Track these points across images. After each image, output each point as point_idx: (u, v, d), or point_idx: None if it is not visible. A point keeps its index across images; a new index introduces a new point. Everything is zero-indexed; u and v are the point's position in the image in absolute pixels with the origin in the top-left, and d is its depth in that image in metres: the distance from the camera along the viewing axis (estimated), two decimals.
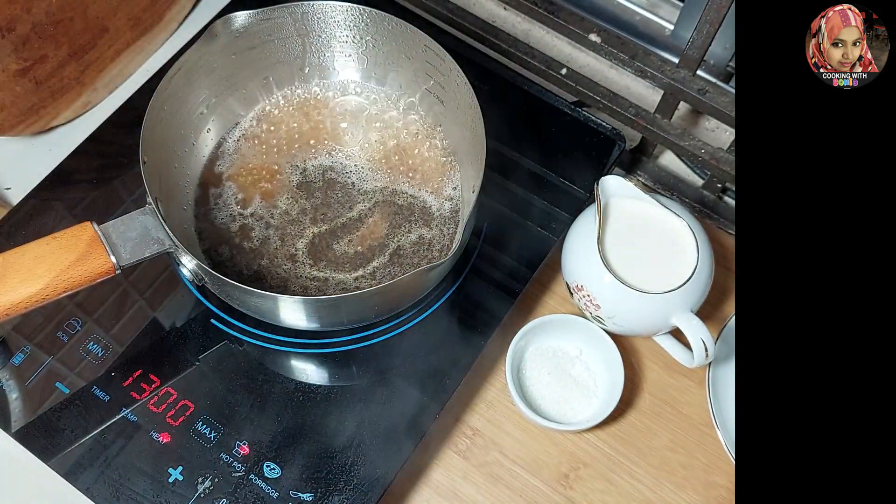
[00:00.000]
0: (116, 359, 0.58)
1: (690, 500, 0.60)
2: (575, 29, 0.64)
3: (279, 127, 0.64)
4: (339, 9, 0.61)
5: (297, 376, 0.59)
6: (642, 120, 0.65)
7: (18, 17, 0.61)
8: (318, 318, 0.57)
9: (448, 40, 0.68)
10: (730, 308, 0.66)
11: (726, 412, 0.60)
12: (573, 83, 0.67)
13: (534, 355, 0.62)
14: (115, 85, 0.72)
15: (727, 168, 0.63)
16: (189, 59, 0.58)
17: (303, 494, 0.54)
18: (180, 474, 0.54)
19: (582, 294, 0.59)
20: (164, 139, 0.58)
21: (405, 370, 0.58)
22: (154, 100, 0.55)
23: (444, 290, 0.61)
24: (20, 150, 0.69)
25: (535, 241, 0.64)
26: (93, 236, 0.50)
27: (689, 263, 0.56)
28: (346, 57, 0.65)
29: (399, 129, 0.65)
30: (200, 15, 0.76)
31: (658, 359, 0.64)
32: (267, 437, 0.55)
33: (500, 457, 0.60)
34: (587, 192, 0.65)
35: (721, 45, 0.68)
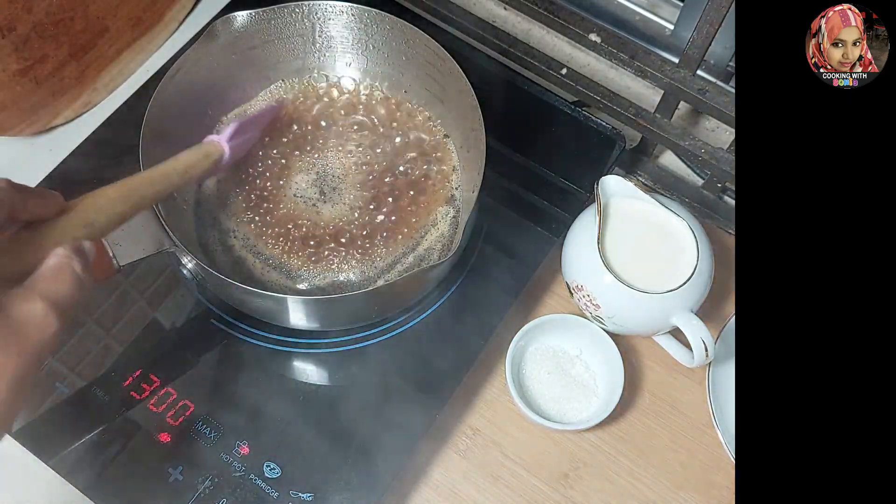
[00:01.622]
0: (116, 359, 0.58)
1: (690, 499, 0.60)
2: (575, 29, 0.64)
3: (279, 127, 0.64)
4: (339, 9, 0.61)
5: (297, 376, 0.59)
6: (642, 120, 0.65)
7: (19, 17, 0.61)
8: (318, 317, 0.57)
9: (448, 40, 0.68)
10: (730, 308, 0.66)
11: (726, 412, 0.60)
12: (573, 83, 0.67)
13: (534, 355, 0.62)
14: (115, 85, 0.72)
15: (727, 168, 0.63)
16: (189, 59, 0.58)
17: (303, 494, 0.54)
18: (180, 474, 0.54)
19: (582, 294, 0.59)
20: (164, 139, 0.57)
21: (405, 370, 0.58)
22: (154, 100, 0.55)
23: (444, 290, 0.61)
24: (20, 150, 0.69)
25: (535, 241, 0.64)
26: None
27: (689, 263, 0.56)
28: (346, 57, 0.65)
29: (399, 129, 0.65)
30: (200, 15, 0.76)
31: (658, 359, 0.64)
32: (267, 437, 0.55)
33: (500, 456, 0.60)
34: (587, 192, 0.65)
35: (721, 45, 0.68)
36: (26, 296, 0.32)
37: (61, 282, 0.34)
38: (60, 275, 0.34)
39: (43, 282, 0.33)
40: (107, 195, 0.40)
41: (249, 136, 0.59)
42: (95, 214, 0.39)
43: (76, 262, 0.35)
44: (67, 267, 0.34)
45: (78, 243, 0.36)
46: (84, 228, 0.37)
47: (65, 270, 0.34)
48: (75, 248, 0.35)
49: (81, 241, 0.36)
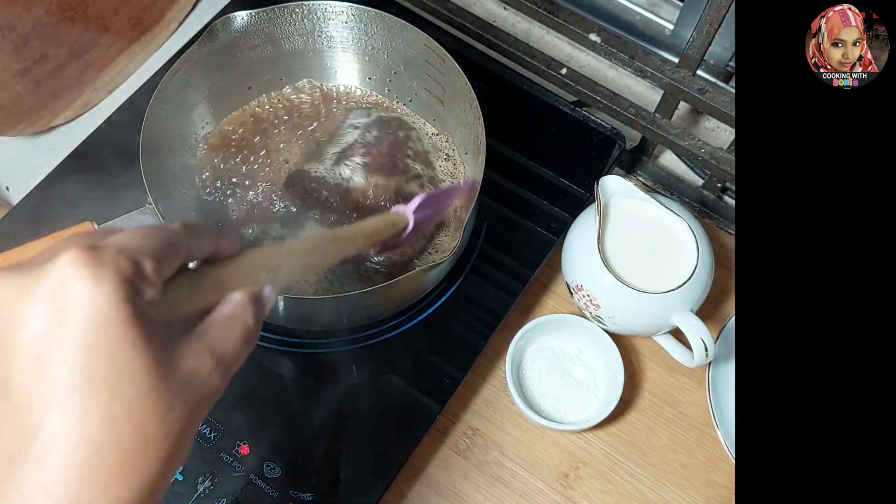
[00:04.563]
0: None
1: (690, 499, 0.60)
2: (575, 29, 0.64)
3: (280, 127, 0.64)
4: (339, 9, 0.61)
5: (297, 376, 0.59)
6: (642, 120, 0.65)
7: (19, 17, 0.61)
8: (319, 317, 0.57)
9: (448, 40, 0.68)
10: (730, 308, 0.66)
11: (726, 412, 0.60)
12: (573, 83, 0.67)
13: (534, 355, 0.62)
14: (115, 85, 0.72)
15: (727, 168, 0.63)
16: (189, 59, 0.58)
17: (303, 494, 0.54)
18: (180, 474, 0.54)
19: (582, 294, 0.59)
20: (164, 139, 0.57)
21: (405, 370, 0.58)
22: (154, 100, 0.55)
23: (444, 290, 0.61)
24: (20, 150, 0.69)
25: (535, 241, 0.64)
26: None
27: (689, 263, 0.56)
28: (346, 57, 0.65)
29: (399, 129, 0.65)
30: (200, 15, 0.76)
31: (658, 359, 0.64)
32: (267, 437, 0.55)
33: (500, 456, 0.60)
34: (587, 192, 0.65)
35: (721, 45, 0.68)
36: (197, 349, 0.29)
37: (232, 336, 0.31)
38: (233, 327, 0.31)
39: (214, 333, 0.30)
40: (291, 246, 0.39)
41: (435, 211, 0.56)
42: (279, 261, 0.36)
43: (251, 313, 0.32)
44: (241, 319, 0.31)
45: (257, 291, 0.33)
46: (266, 273, 0.34)
47: (238, 323, 0.31)
48: (253, 296, 0.32)
49: (260, 288, 0.33)
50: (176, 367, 0.28)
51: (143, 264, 0.27)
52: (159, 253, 0.28)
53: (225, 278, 0.32)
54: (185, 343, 0.29)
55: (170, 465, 0.27)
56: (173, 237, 0.30)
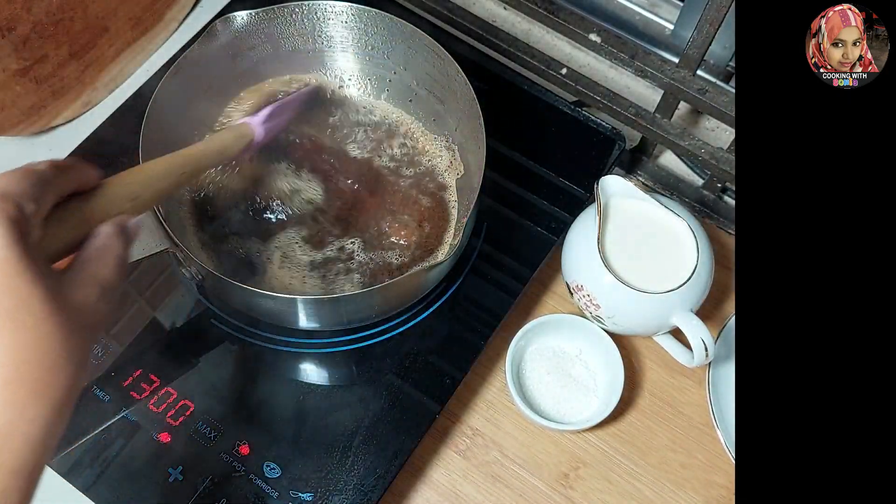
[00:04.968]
0: (116, 359, 0.58)
1: (690, 499, 0.60)
2: (575, 29, 0.64)
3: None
4: (339, 8, 0.61)
5: (296, 376, 0.59)
6: (642, 120, 0.65)
7: (19, 17, 0.61)
8: (318, 317, 0.57)
9: (448, 40, 0.68)
10: (730, 308, 0.66)
11: (726, 412, 0.60)
12: (573, 83, 0.67)
13: (534, 355, 0.62)
14: (115, 85, 0.72)
15: (727, 168, 0.63)
16: (189, 59, 0.58)
17: (303, 494, 0.54)
18: (180, 474, 0.54)
19: (582, 294, 0.59)
20: (164, 139, 0.57)
21: (405, 370, 0.58)
22: (154, 100, 0.55)
23: (444, 290, 0.61)
24: (20, 150, 0.69)
25: (535, 241, 0.64)
26: None
27: (689, 263, 0.56)
28: (346, 57, 0.65)
29: (398, 129, 0.65)
30: (200, 15, 0.76)
31: (658, 359, 0.64)
32: (267, 437, 0.55)
33: (500, 456, 0.60)
34: (587, 192, 0.65)
35: (721, 45, 0.68)
36: (81, 280, 0.32)
37: (108, 265, 0.33)
38: (106, 256, 0.34)
39: (92, 265, 0.33)
40: (150, 170, 0.40)
41: (282, 119, 0.59)
42: (140, 188, 0.38)
43: (120, 242, 0.34)
44: (112, 248, 0.34)
45: (123, 222, 0.35)
46: (129, 202, 0.37)
47: (110, 251, 0.34)
48: (120, 226, 0.35)
49: (126, 219, 0.36)
50: (68, 298, 0.31)
51: (25, 207, 0.30)
52: (36, 194, 0.32)
53: (92, 212, 0.35)
54: (70, 276, 0.32)
55: (76, 385, 0.31)
56: (46, 177, 0.33)
